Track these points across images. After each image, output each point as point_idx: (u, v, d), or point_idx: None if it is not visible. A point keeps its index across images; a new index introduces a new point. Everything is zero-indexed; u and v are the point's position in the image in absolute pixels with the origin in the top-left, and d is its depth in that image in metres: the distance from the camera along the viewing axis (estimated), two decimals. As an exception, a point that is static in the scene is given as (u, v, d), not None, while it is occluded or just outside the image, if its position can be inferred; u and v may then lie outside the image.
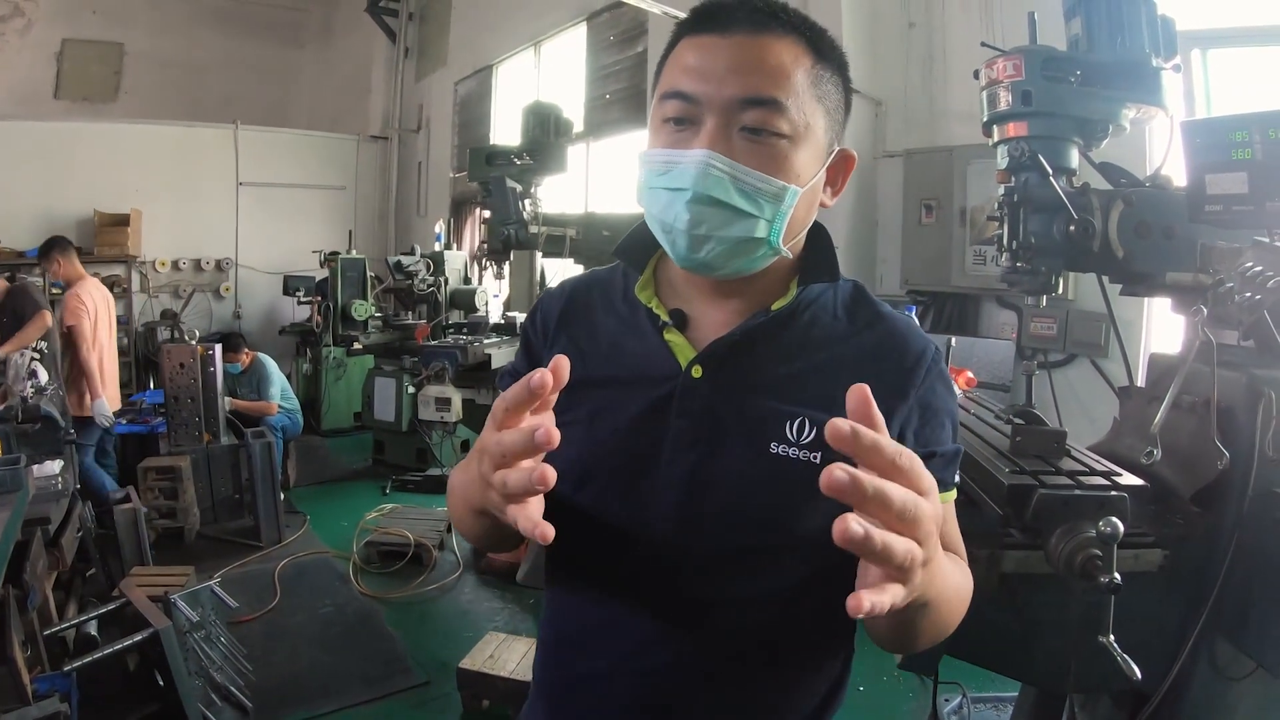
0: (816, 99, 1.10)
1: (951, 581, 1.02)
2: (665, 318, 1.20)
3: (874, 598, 0.74)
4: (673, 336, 1.19)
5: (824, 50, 1.12)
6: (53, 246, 5.99)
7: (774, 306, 1.17)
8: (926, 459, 1.10)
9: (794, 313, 1.18)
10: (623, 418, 1.17)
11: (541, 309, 1.35)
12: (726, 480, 1.12)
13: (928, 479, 0.77)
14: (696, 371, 1.15)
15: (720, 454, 1.12)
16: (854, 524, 0.69)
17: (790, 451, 1.09)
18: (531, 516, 0.85)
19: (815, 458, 1.09)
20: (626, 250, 1.29)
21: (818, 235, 1.22)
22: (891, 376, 1.13)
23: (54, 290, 9.75)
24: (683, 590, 1.14)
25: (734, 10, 1.09)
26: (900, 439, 1.09)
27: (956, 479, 1.18)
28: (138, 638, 3.04)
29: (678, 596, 1.14)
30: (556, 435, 0.83)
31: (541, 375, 0.84)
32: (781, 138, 1.06)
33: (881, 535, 0.71)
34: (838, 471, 0.69)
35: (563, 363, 0.87)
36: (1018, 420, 2.17)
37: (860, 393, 0.76)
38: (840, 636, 1.23)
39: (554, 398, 0.90)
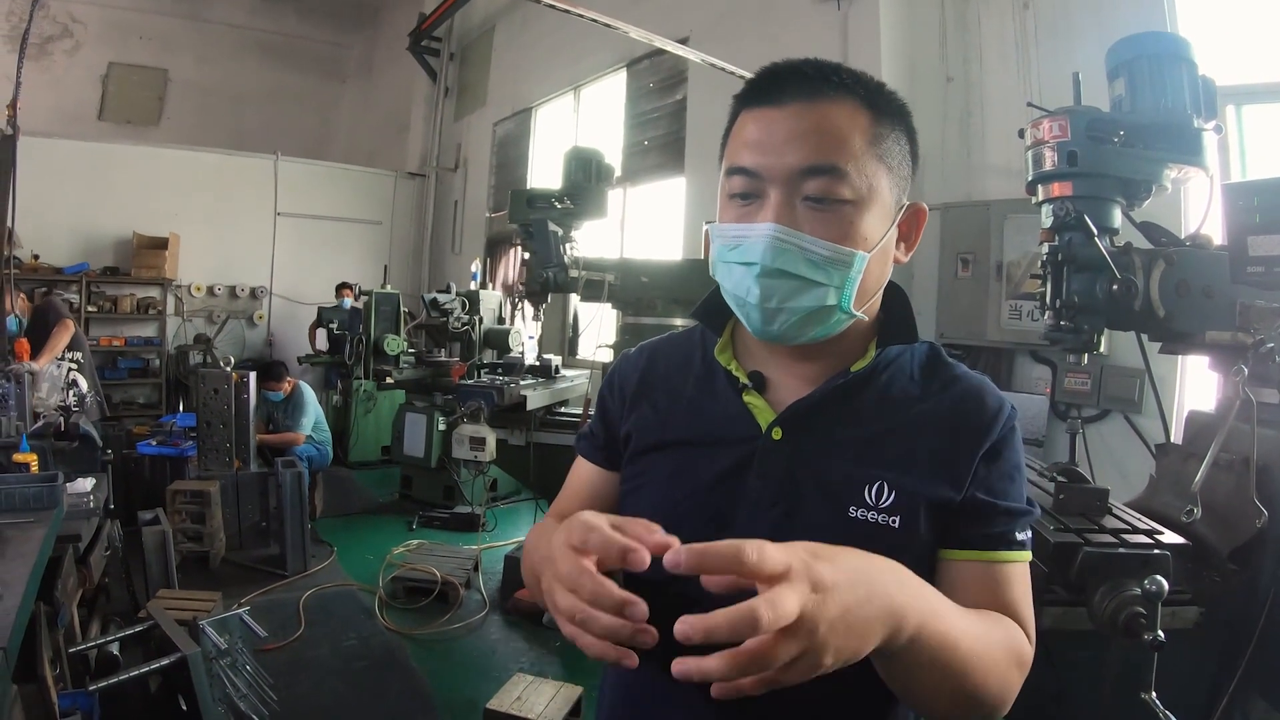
0: (878, 158, 1.09)
1: (962, 645, 0.98)
2: (744, 380, 1.21)
3: (694, 664, 0.77)
4: (752, 399, 1.20)
5: (882, 106, 1.11)
6: None
7: (853, 368, 1.17)
8: (991, 510, 1.10)
9: (872, 374, 1.18)
10: (701, 478, 1.17)
11: (619, 374, 1.36)
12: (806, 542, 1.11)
13: (776, 565, 0.78)
14: (776, 433, 1.15)
15: (799, 516, 1.12)
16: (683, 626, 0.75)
17: (869, 515, 1.09)
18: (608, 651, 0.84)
19: (894, 522, 1.09)
20: (705, 313, 1.29)
21: (895, 296, 1.22)
22: (968, 435, 1.13)
23: (90, 309, 10.00)
24: None
25: (786, 79, 1.10)
26: (974, 483, 1.11)
27: (1026, 537, 1.14)
28: (165, 662, 3.03)
29: None
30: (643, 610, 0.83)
31: (640, 557, 0.83)
32: (845, 203, 1.06)
33: (708, 624, 0.75)
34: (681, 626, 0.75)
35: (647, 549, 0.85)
36: (1061, 478, 2.17)
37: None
38: None
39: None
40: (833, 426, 1.15)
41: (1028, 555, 1.15)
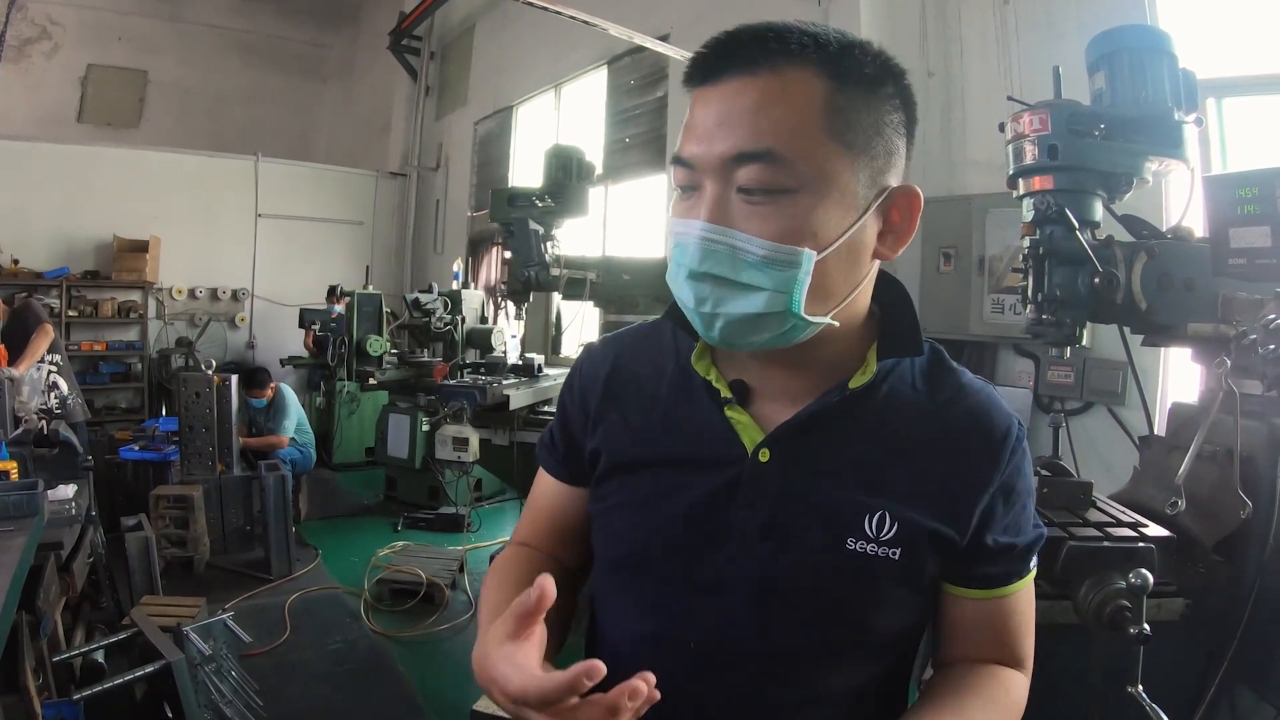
0: (833, 136, 0.92)
1: None
2: (727, 393, 1.07)
3: None
4: (736, 414, 1.07)
5: (850, 71, 0.94)
6: None
7: (851, 384, 1.03)
8: (1008, 550, 1.03)
9: (871, 388, 1.04)
10: (682, 503, 1.05)
11: (582, 377, 1.22)
12: (800, 576, 1.01)
13: None
14: (764, 455, 1.03)
15: (792, 547, 1.01)
16: None
17: (869, 548, 0.99)
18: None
19: (895, 554, 0.99)
20: (678, 313, 1.08)
21: (895, 297, 1.10)
22: (976, 458, 1.03)
23: (71, 313, 9.92)
24: (750, 690, 1.03)
25: (721, 52, 0.96)
26: (983, 524, 1.03)
27: (1035, 564, 1.09)
28: (149, 669, 3.01)
29: (745, 697, 1.03)
30: None
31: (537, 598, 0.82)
32: (787, 193, 0.91)
33: None
34: None
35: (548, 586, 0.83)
36: (1044, 472, 2.17)
37: None
38: None
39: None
40: (827, 447, 1.03)
41: (1034, 573, 1.10)
